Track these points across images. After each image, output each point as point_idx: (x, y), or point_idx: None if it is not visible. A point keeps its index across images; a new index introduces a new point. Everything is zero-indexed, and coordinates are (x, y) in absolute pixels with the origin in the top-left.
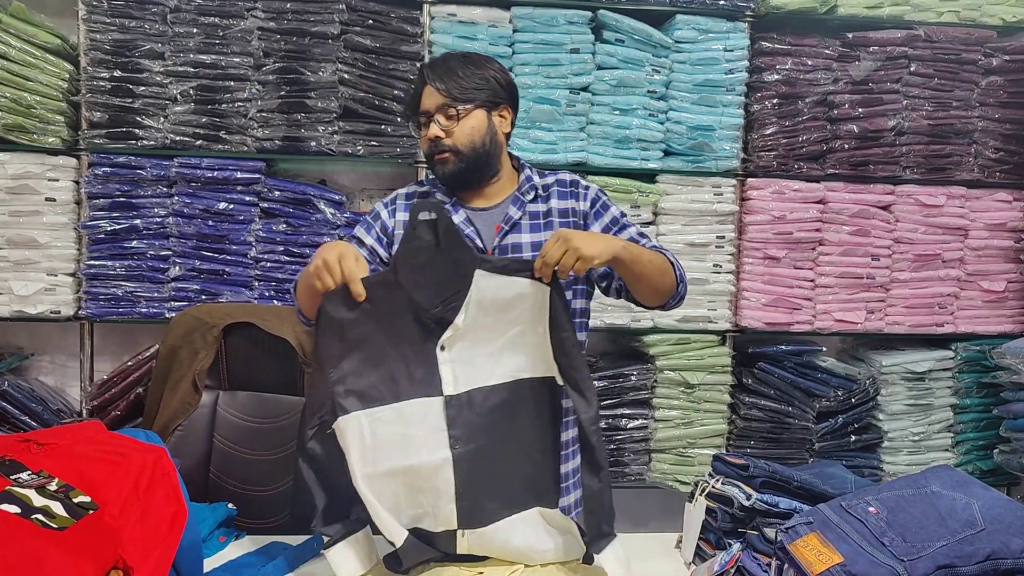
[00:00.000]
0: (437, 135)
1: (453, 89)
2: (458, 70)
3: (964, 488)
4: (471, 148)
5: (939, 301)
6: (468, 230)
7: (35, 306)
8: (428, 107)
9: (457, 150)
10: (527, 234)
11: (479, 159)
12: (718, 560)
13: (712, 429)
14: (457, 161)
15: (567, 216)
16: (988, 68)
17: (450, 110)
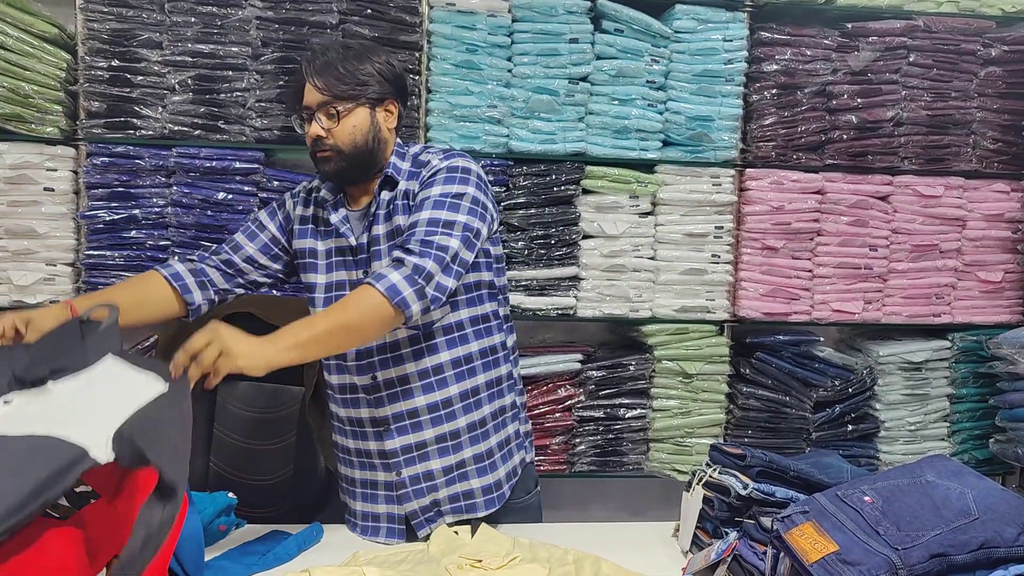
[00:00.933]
0: (318, 135)
1: (333, 87)
2: (338, 65)
3: (959, 477)
4: (352, 147)
5: (936, 291)
6: (344, 228)
7: (34, 296)
8: (309, 103)
9: (339, 149)
10: (381, 225)
11: (362, 157)
12: (715, 549)
13: (710, 419)
14: (339, 160)
15: (407, 198)
16: (987, 59)
17: (331, 108)
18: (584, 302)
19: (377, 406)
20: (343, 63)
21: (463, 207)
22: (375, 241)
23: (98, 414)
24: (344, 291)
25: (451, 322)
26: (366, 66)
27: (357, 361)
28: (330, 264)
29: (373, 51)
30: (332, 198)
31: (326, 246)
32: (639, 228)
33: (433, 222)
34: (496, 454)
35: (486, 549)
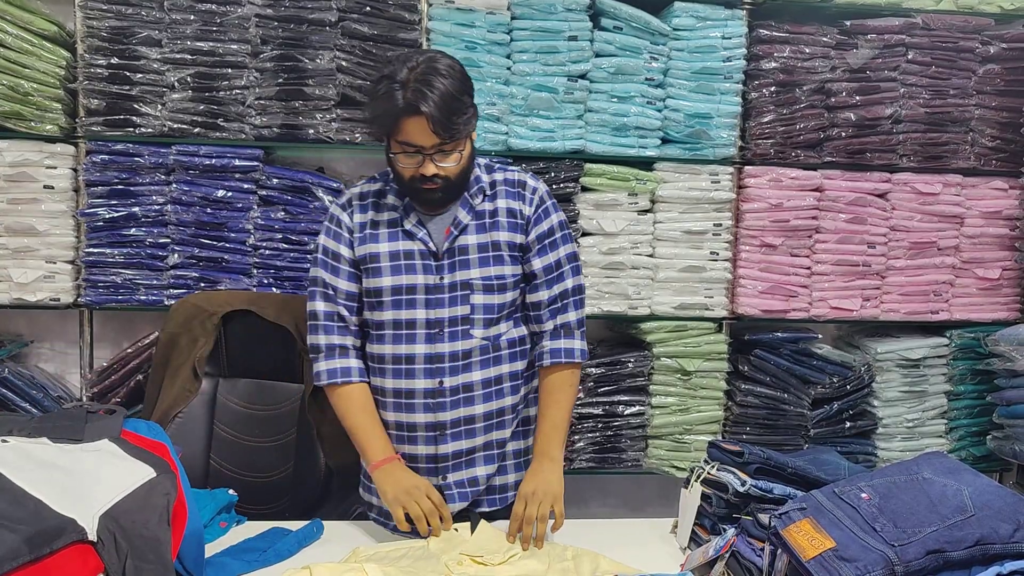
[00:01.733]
0: (435, 173)
1: (455, 133)
2: (453, 104)
3: (955, 475)
4: (462, 177)
5: (934, 289)
6: (420, 233)
7: (34, 293)
8: (420, 143)
9: (449, 181)
10: (473, 235)
11: (464, 183)
12: (713, 545)
13: (708, 416)
14: (447, 190)
15: (513, 216)
16: (985, 56)
17: (447, 147)
18: None
19: (437, 411)
20: (455, 101)
21: (570, 235)
22: (464, 251)
23: (87, 490)
24: (415, 294)
25: (515, 336)
26: (468, 94)
27: (427, 365)
28: (397, 267)
29: (462, 73)
30: (401, 203)
31: (392, 248)
32: (638, 225)
33: (570, 258)
34: (528, 456)
35: (486, 546)
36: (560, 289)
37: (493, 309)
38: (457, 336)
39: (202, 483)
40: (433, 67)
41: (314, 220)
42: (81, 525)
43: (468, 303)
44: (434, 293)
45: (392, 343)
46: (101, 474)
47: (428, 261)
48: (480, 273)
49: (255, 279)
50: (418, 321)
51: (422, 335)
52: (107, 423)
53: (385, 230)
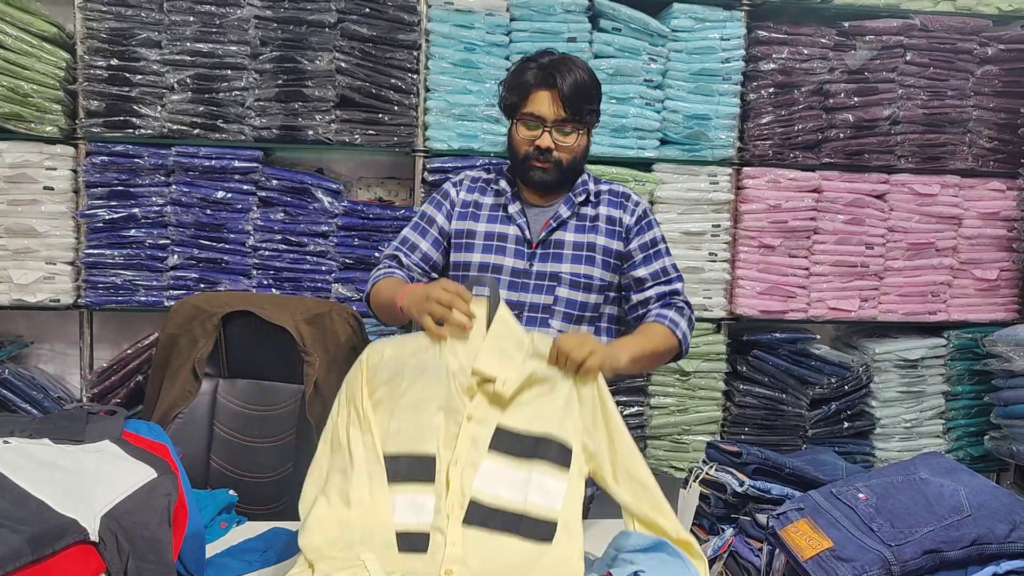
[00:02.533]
0: (549, 147)
1: (580, 111)
2: (587, 90)
3: (952, 475)
4: (571, 164)
5: (932, 289)
6: (520, 220)
7: (34, 294)
8: (544, 114)
9: (560, 164)
10: (571, 233)
11: (571, 175)
12: (711, 545)
13: (707, 416)
14: (555, 173)
15: (613, 224)
16: (983, 57)
17: (567, 127)
18: None
19: None
20: (588, 88)
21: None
22: (560, 245)
23: (88, 490)
24: (501, 275)
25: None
26: (596, 91)
27: None
28: (489, 247)
29: (592, 72)
30: (510, 190)
31: (488, 229)
32: None
33: (675, 267)
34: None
35: (503, 347)
36: (669, 288)
37: (575, 306)
38: (535, 322)
39: (202, 483)
40: (572, 59)
41: (313, 221)
42: (83, 526)
43: (553, 294)
44: (520, 277)
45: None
46: (102, 475)
47: (521, 247)
48: (571, 268)
49: (255, 280)
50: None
51: None
52: (108, 424)
53: (487, 212)
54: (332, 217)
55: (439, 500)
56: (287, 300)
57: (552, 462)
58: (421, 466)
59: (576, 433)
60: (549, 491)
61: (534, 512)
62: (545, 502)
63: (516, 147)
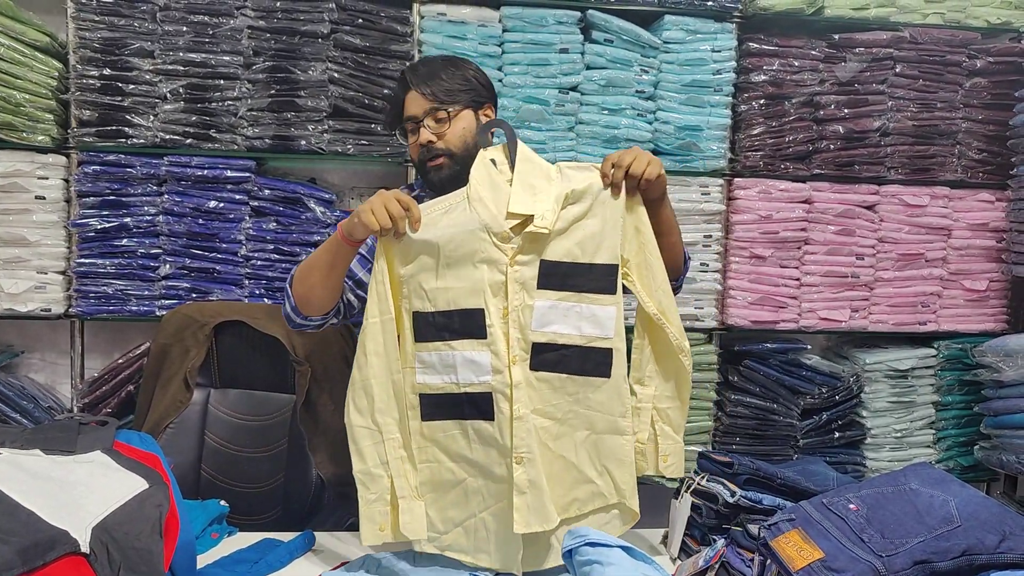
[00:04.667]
0: (429, 139)
1: (440, 92)
2: (441, 73)
3: (942, 485)
4: (464, 149)
5: (922, 300)
6: None
7: (25, 304)
8: (415, 112)
9: (451, 153)
10: None
11: (472, 160)
12: (703, 556)
13: (698, 426)
14: (452, 164)
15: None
16: (972, 70)
17: (439, 113)
18: None
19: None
20: (444, 71)
21: None
22: None
23: (79, 501)
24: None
25: None
26: (464, 72)
27: None
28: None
29: (466, 62)
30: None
31: None
32: None
33: None
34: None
35: (532, 182)
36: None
37: None
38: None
39: (193, 494)
40: (431, 57)
41: (306, 231)
42: (74, 537)
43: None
44: None
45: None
46: (94, 486)
47: None
48: None
49: (247, 290)
50: None
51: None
52: (99, 434)
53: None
54: (325, 227)
55: (495, 358)
56: (279, 310)
57: (598, 290)
58: (472, 320)
59: (616, 250)
60: (599, 320)
61: (589, 343)
62: (597, 331)
63: (412, 157)
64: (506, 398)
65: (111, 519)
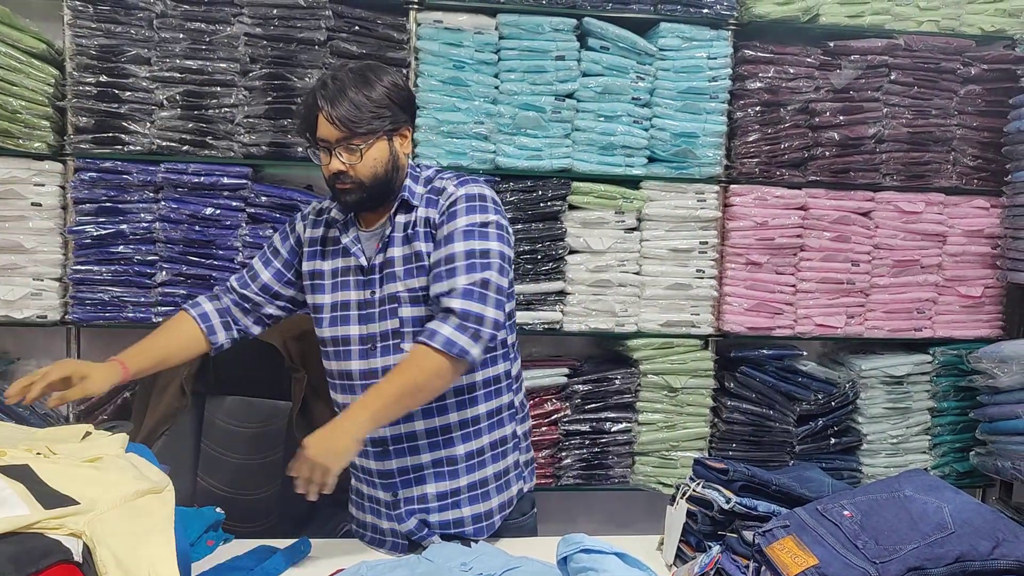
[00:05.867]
0: (340, 170)
1: (353, 125)
2: (354, 99)
3: (936, 492)
4: (373, 179)
5: (918, 306)
6: (355, 248)
7: (21, 311)
8: (327, 138)
9: (360, 182)
10: (398, 247)
11: (382, 187)
12: (698, 562)
13: (695, 432)
14: (360, 191)
15: (428, 226)
16: (967, 77)
17: (350, 144)
18: (570, 316)
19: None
20: (357, 95)
21: (491, 234)
22: (389, 263)
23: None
24: (349, 311)
25: None
26: (379, 95)
27: (362, 381)
28: (336, 284)
29: (380, 74)
30: (343, 218)
31: (333, 266)
32: (625, 243)
33: (469, 254)
34: (491, 484)
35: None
36: (450, 285)
37: (422, 322)
38: (389, 351)
39: (189, 501)
40: (351, 69)
41: None
42: (67, 546)
43: (397, 316)
44: (366, 308)
45: (335, 359)
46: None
47: (359, 276)
48: (405, 286)
49: None
50: (352, 337)
51: (356, 351)
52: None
53: (330, 247)
54: None
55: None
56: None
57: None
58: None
59: None
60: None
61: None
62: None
63: (323, 175)
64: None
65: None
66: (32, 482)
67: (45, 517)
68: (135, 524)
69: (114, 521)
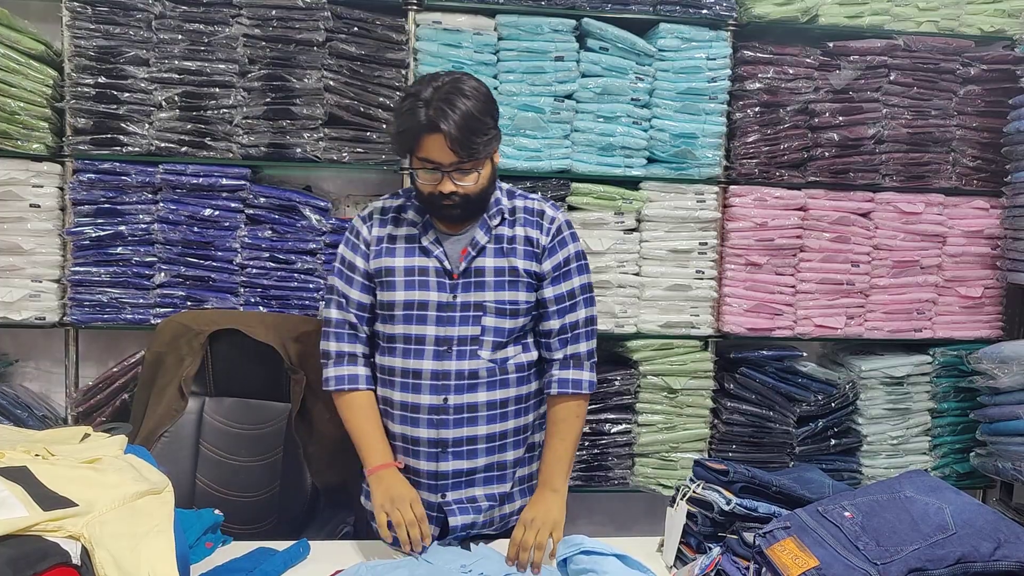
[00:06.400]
0: (452, 191)
1: (474, 152)
2: (474, 124)
3: (937, 493)
4: (480, 196)
5: (917, 307)
6: (437, 251)
7: (20, 312)
8: (439, 160)
9: (468, 199)
10: (491, 258)
11: (484, 202)
12: (699, 564)
13: (694, 433)
14: (465, 207)
15: (530, 244)
16: (966, 77)
17: (465, 166)
18: None
19: (440, 428)
20: (476, 121)
21: (588, 267)
22: (479, 272)
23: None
24: (427, 311)
25: (523, 361)
26: (489, 115)
27: (433, 381)
28: (411, 282)
29: (487, 95)
30: (421, 219)
31: (407, 263)
32: (624, 244)
33: (583, 289)
34: (527, 483)
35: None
36: (571, 319)
37: (503, 333)
38: (465, 355)
39: (188, 503)
40: (457, 87)
41: (301, 239)
42: (64, 548)
43: (479, 324)
44: (446, 311)
45: (402, 357)
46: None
47: (442, 279)
48: (495, 296)
49: (242, 298)
50: (427, 337)
51: (430, 351)
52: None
53: (402, 245)
54: (320, 235)
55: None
56: (274, 318)
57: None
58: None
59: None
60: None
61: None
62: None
63: (419, 189)
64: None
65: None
66: (30, 484)
67: (43, 519)
68: (134, 526)
69: (113, 523)
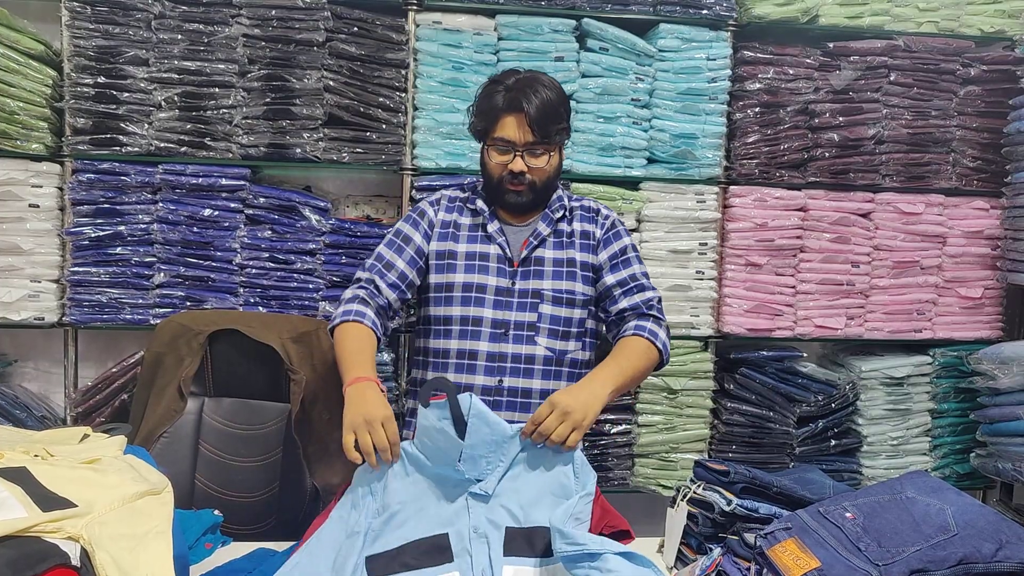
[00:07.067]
0: (522, 170)
1: (549, 131)
2: (555, 110)
3: (938, 494)
4: (545, 185)
5: (917, 307)
6: (500, 239)
7: (19, 312)
8: (513, 139)
9: (534, 186)
10: (551, 250)
11: (548, 192)
12: (699, 565)
13: (695, 434)
14: (531, 194)
15: (587, 238)
16: (966, 78)
17: (538, 148)
18: None
19: (494, 410)
20: (556, 108)
21: (641, 259)
22: (539, 262)
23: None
24: (485, 294)
25: (580, 359)
26: (563, 110)
27: (488, 363)
28: (472, 266)
29: (562, 89)
30: (487, 210)
31: (469, 249)
32: None
33: (644, 275)
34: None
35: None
36: (642, 298)
37: (559, 321)
38: (522, 340)
39: (187, 503)
40: (537, 78)
41: (301, 239)
42: (64, 550)
43: (536, 311)
44: (503, 296)
45: (458, 338)
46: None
47: (503, 266)
48: (552, 285)
49: (241, 298)
50: (484, 319)
51: (487, 333)
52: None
53: (466, 232)
54: (319, 235)
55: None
56: (274, 318)
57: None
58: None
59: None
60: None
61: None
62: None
63: (489, 171)
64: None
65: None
66: (29, 484)
67: (42, 520)
68: (134, 526)
69: (112, 524)
